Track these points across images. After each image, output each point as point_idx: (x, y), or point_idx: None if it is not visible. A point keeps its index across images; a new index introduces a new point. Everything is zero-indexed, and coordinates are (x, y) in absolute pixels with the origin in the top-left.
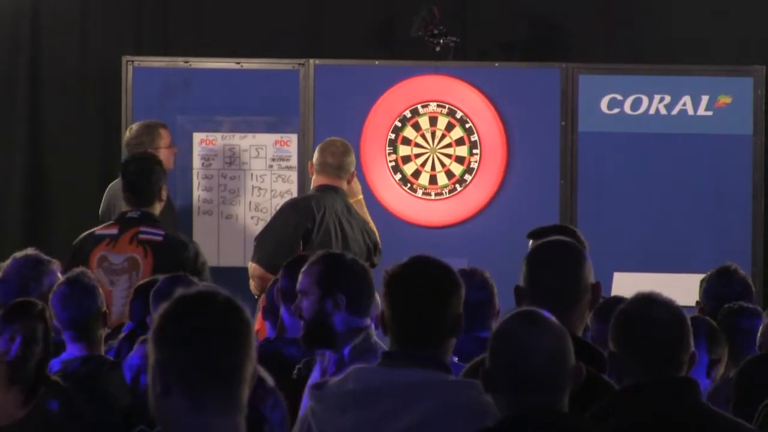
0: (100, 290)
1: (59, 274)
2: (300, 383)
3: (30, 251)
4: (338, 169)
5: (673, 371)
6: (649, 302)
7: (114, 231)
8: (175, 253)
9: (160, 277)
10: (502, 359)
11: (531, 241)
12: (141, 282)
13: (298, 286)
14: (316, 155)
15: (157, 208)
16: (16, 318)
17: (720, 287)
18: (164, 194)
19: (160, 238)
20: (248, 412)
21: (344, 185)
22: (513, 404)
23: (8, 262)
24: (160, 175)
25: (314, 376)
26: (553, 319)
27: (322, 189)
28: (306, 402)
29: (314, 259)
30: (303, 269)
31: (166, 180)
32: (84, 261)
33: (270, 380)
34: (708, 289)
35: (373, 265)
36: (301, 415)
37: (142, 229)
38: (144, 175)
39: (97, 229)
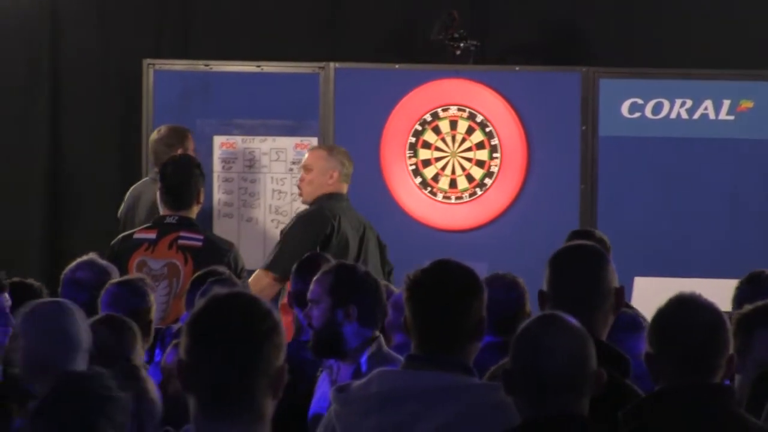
0: (152, 297)
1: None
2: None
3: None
4: (349, 176)
5: (704, 376)
6: (682, 305)
7: (152, 235)
8: (214, 259)
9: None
10: (521, 361)
11: None
12: (199, 273)
13: (309, 294)
14: (342, 165)
15: (195, 211)
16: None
17: (750, 294)
18: (202, 197)
19: (199, 244)
20: None
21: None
22: (532, 407)
23: (77, 266)
24: (198, 178)
25: (323, 388)
26: (575, 322)
27: (338, 198)
28: (316, 406)
29: (327, 269)
30: (315, 278)
31: (204, 182)
32: (123, 265)
33: None
34: (738, 296)
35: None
36: (325, 419)
37: (182, 234)
38: (184, 179)
39: (136, 232)
